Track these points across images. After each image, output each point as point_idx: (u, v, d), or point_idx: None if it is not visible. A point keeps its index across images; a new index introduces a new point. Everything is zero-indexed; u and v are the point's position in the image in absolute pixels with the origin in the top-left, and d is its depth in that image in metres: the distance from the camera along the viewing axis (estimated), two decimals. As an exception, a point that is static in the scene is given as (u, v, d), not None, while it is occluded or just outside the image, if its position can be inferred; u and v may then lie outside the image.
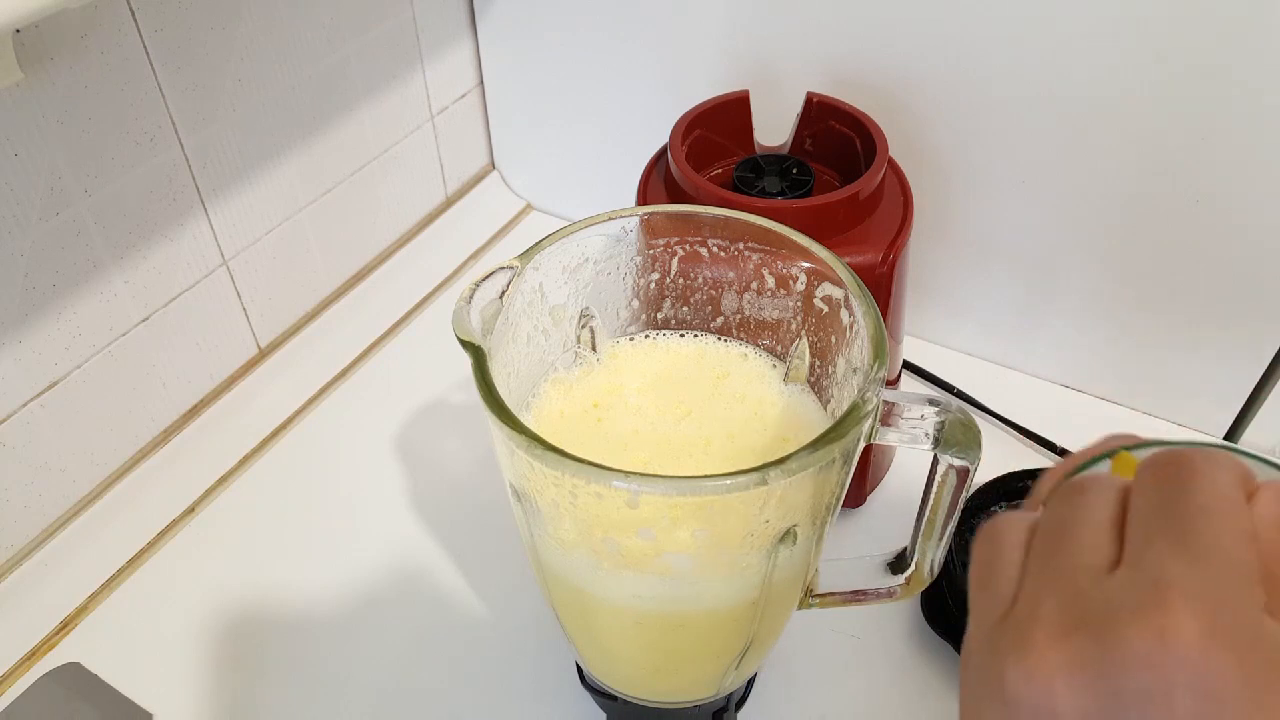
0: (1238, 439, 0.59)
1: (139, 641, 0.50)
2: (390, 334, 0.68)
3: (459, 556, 0.54)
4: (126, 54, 0.48)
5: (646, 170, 0.50)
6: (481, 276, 0.35)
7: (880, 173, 0.46)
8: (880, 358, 0.32)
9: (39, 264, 0.47)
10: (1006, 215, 0.58)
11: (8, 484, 0.50)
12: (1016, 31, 0.51)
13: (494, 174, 0.79)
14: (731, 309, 0.41)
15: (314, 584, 0.52)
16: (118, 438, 0.55)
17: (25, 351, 0.48)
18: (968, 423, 0.33)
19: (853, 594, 0.39)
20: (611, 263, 0.40)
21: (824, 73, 0.57)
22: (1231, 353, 0.56)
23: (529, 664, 0.49)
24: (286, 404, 0.62)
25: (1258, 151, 0.49)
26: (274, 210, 0.60)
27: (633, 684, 0.41)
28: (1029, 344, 0.62)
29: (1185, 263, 0.54)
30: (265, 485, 0.58)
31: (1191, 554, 0.22)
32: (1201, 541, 0.22)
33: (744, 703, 0.46)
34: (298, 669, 0.49)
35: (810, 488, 0.32)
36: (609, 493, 0.29)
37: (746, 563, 0.33)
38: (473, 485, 0.57)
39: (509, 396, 0.32)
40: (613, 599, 0.34)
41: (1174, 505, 0.23)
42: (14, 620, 0.50)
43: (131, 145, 0.50)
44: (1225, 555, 0.22)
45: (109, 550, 0.54)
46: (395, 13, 0.64)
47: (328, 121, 0.62)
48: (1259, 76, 0.47)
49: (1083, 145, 0.53)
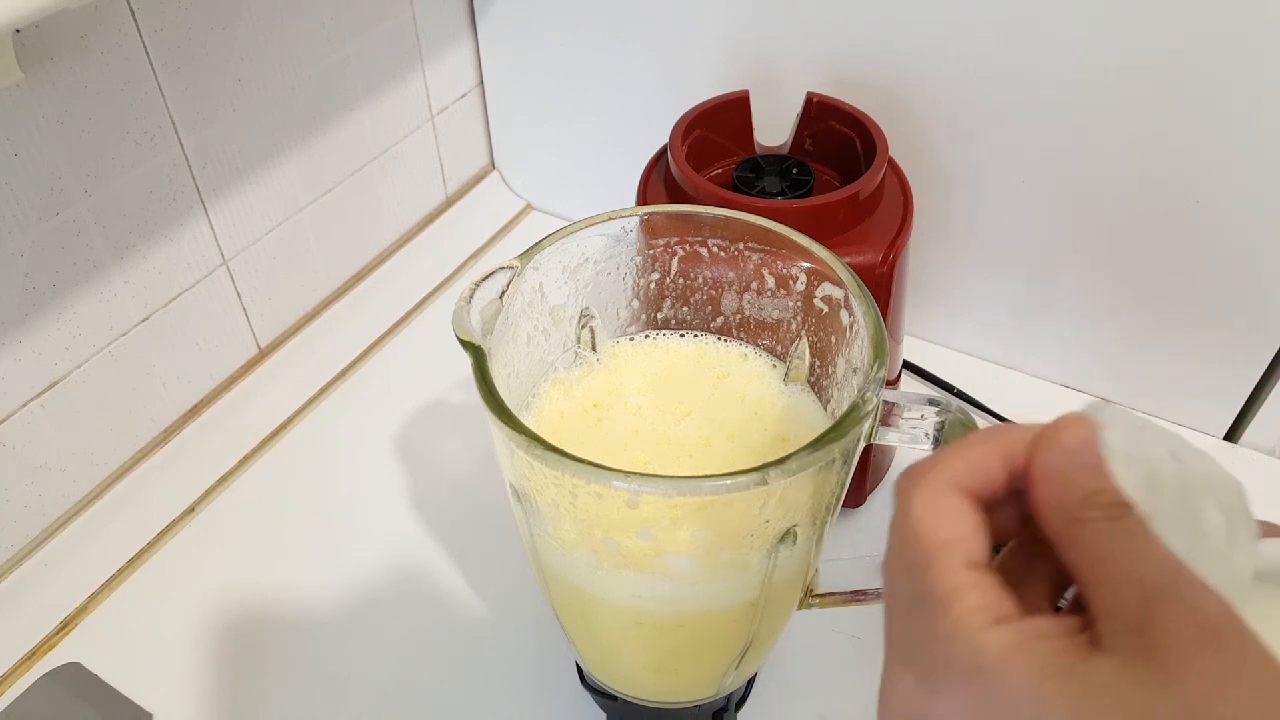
0: (1238, 439, 0.59)
1: (139, 641, 0.50)
2: (390, 334, 0.68)
3: (459, 556, 0.54)
4: (126, 54, 0.48)
5: (646, 170, 0.50)
6: (481, 276, 0.35)
7: (880, 173, 0.46)
8: (880, 358, 0.32)
9: (39, 264, 0.47)
10: (1006, 215, 0.58)
11: (8, 484, 0.50)
12: (1017, 31, 0.51)
13: (494, 174, 0.79)
14: (731, 309, 0.41)
15: (314, 584, 0.52)
16: (118, 438, 0.55)
17: (25, 351, 0.48)
18: (968, 423, 0.33)
19: (853, 594, 0.39)
20: (611, 263, 0.40)
21: (824, 73, 0.57)
22: (1231, 353, 0.56)
23: (529, 664, 0.49)
24: (286, 404, 0.62)
25: (1258, 152, 0.49)
26: (274, 210, 0.60)
27: (633, 684, 0.41)
28: (1029, 344, 0.62)
29: (1185, 263, 0.54)
30: (265, 485, 0.58)
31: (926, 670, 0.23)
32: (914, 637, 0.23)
33: (744, 703, 0.46)
34: (298, 669, 0.49)
35: (810, 488, 0.32)
36: (609, 493, 0.29)
37: (746, 563, 0.33)
38: (473, 485, 0.57)
39: (509, 396, 0.32)
40: (613, 599, 0.34)
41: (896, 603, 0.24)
42: (14, 620, 0.50)
43: (131, 145, 0.50)
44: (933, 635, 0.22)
45: (109, 550, 0.54)
46: (395, 13, 0.64)
47: (328, 121, 0.62)
48: (1259, 77, 0.47)
49: (1083, 145, 0.53)
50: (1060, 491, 0.23)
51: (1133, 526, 0.22)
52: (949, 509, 0.24)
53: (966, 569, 0.23)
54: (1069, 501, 0.23)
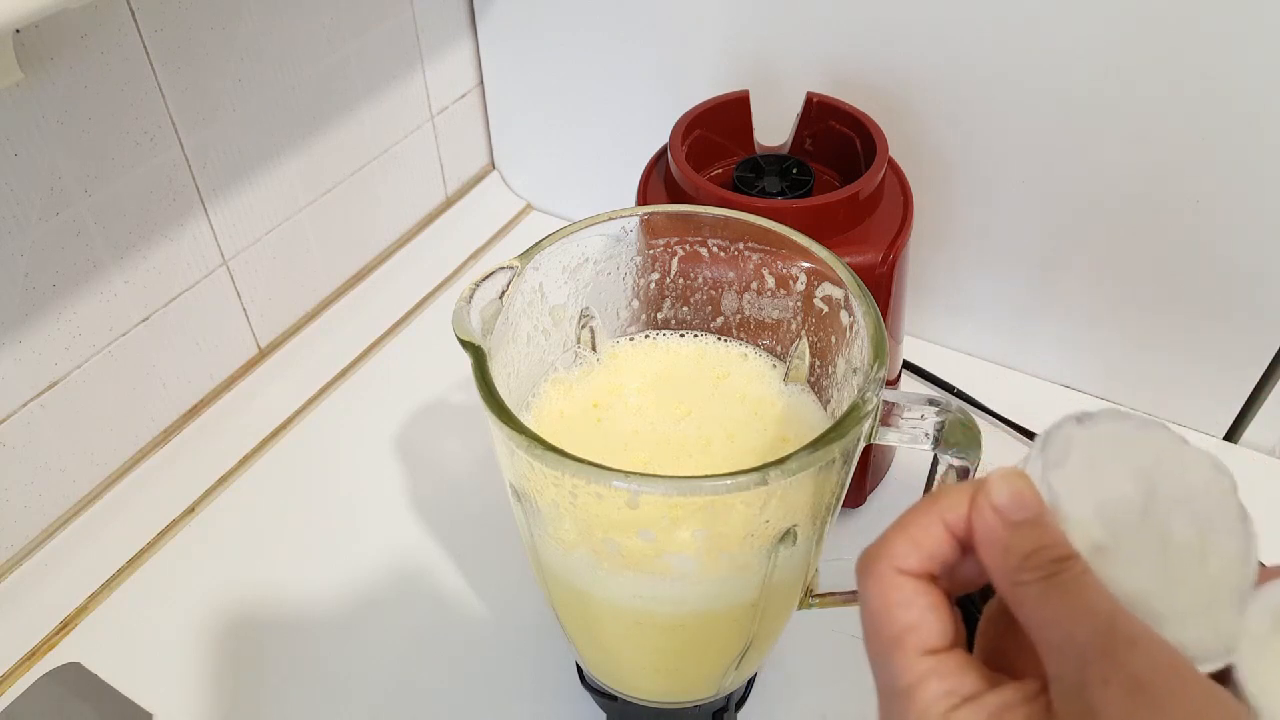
0: (1238, 439, 0.59)
1: (139, 641, 0.50)
2: (390, 334, 0.68)
3: (459, 556, 0.54)
4: (126, 54, 0.48)
5: (646, 170, 0.50)
6: (481, 276, 0.35)
7: (880, 173, 0.46)
8: (880, 358, 0.32)
9: (39, 264, 0.47)
10: (1006, 215, 0.58)
11: (8, 484, 0.50)
12: (1017, 32, 0.51)
13: (494, 174, 0.79)
14: (731, 309, 0.41)
15: (314, 584, 0.52)
16: (118, 438, 0.55)
17: (25, 351, 0.48)
18: (968, 423, 0.33)
19: (853, 594, 0.39)
20: (611, 263, 0.40)
21: (824, 73, 0.57)
22: (1231, 353, 0.56)
23: (529, 664, 0.49)
24: (286, 404, 0.62)
25: (1258, 152, 0.49)
26: (274, 210, 0.60)
27: (633, 684, 0.41)
28: (1029, 344, 0.62)
29: (1185, 263, 0.54)
30: (265, 485, 0.58)
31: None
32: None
33: (744, 703, 0.46)
34: (298, 669, 0.49)
35: (810, 488, 0.32)
36: (609, 493, 0.29)
37: (746, 563, 0.33)
38: (473, 485, 0.57)
39: (509, 396, 0.32)
40: (613, 599, 0.34)
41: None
42: (14, 620, 0.50)
43: (131, 145, 0.50)
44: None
45: (109, 550, 0.54)
46: (395, 13, 0.64)
47: (328, 121, 0.62)
48: (1259, 77, 0.47)
49: (1083, 145, 0.53)
50: (999, 557, 0.23)
51: (1069, 581, 0.22)
52: (899, 599, 0.24)
53: (924, 656, 0.23)
54: (1008, 567, 0.23)
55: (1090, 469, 0.23)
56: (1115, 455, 0.24)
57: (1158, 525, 0.23)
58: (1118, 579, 0.22)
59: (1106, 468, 0.23)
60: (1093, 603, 0.21)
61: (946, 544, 0.24)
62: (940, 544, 0.24)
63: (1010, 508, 0.23)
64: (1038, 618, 0.22)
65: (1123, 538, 0.23)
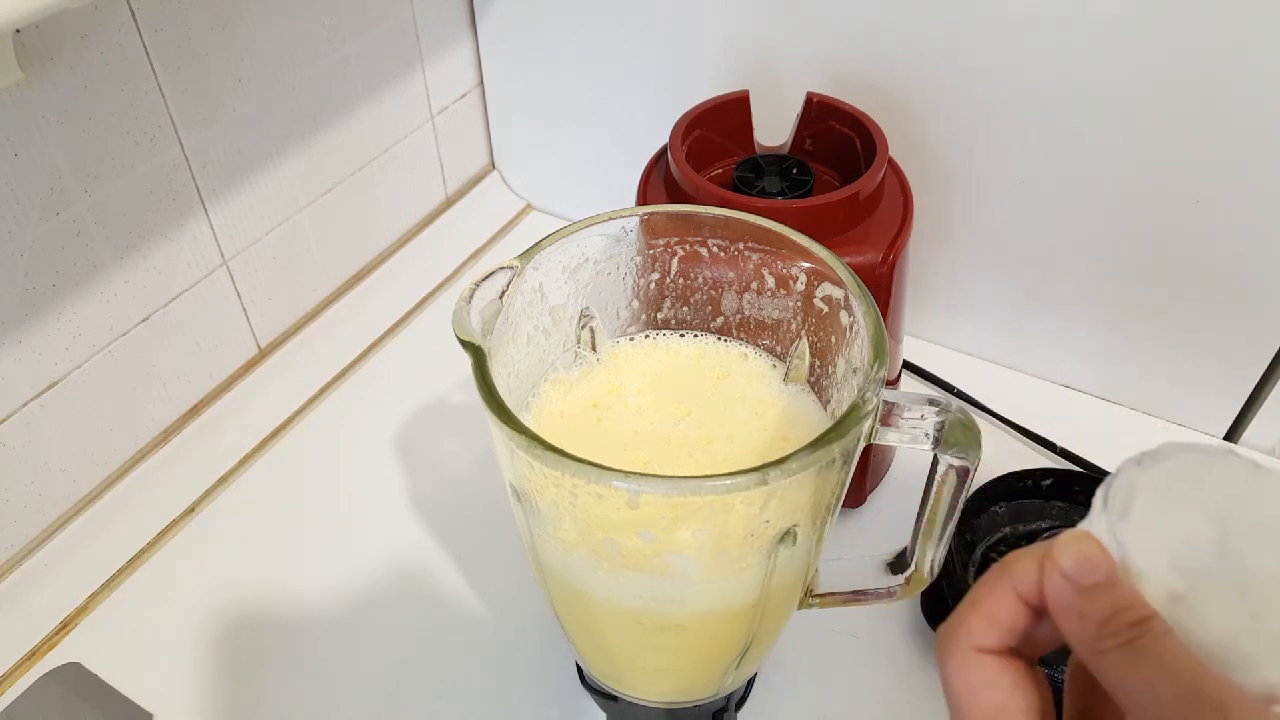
0: (1238, 439, 0.59)
1: (139, 641, 0.50)
2: (390, 334, 0.68)
3: (459, 556, 0.54)
4: (126, 54, 0.48)
5: (646, 170, 0.50)
6: (481, 276, 0.35)
7: (880, 173, 0.46)
8: (880, 358, 0.32)
9: (39, 264, 0.47)
10: (1006, 215, 0.58)
11: (8, 484, 0.50)
12: (1016, 32, 0.51)
13: (494, 174, 0.79)
14: (731, 309, 0.41)
15: (314, 584, 0.52)
16: (118, 438, 0.55)
17: (25, 351, 0.48)
18: (968, 423, 0.33)
19: (853, 594, 0.39)
20: (611, 263, 0.40)
21: (824, 73, 0.57)
22: (1231, 353, 0.56)
23: (529, 664, 0.49)
24: (286, 404, 0.62)
25: (1258, 152, 0.49)
26: (274, 210, 0.60)
27: (633, 684, 0.41)
28: (1029, 344, 0.62)
29: (1185, 263, 0.54)
30: (265, 485, 0.58)
31: None
32: None
33: (744, 703, 0.46)
34: (298, 669, 0.49)
35: (810, 488, 0.32)
36: (609, 493, 0.29)
37: (746, 563, 0.33)
38: (473, 485, 0.57)
39: (509, 396, 0.32)
40: (613, 599, 0.34)
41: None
42: (14, 620, 0.50)
43: (131, 145, 0.50)
44: None
45: (109, 550, 0.54)
46: (395, 13, 0.64)
47: (328, 121, 0.62)
48: (1259, 77, 0.47)
49: (1082, 145, 0.53)
50: (1076, 625, 0.23)
51: (1148, 646, 0.21)
52: (982, 679, 0.24)
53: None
54: (1086, 635, 0.23)
55: (1158, 513, 0.23)
56: (1183, 494, 0.23)
57: (1237, 561, 0.22)
58: (1200, 627, 0.21)
59: (1175, 510, 0.22)
60: (1176, 666, 0.21)
61: (1022, 614, 0.24)
62: (1015, 616, 0.24)
63: (1079, 572, 0.23)
64: (1122, 684, 0.22)
65: (1200, 582, 0.22)
